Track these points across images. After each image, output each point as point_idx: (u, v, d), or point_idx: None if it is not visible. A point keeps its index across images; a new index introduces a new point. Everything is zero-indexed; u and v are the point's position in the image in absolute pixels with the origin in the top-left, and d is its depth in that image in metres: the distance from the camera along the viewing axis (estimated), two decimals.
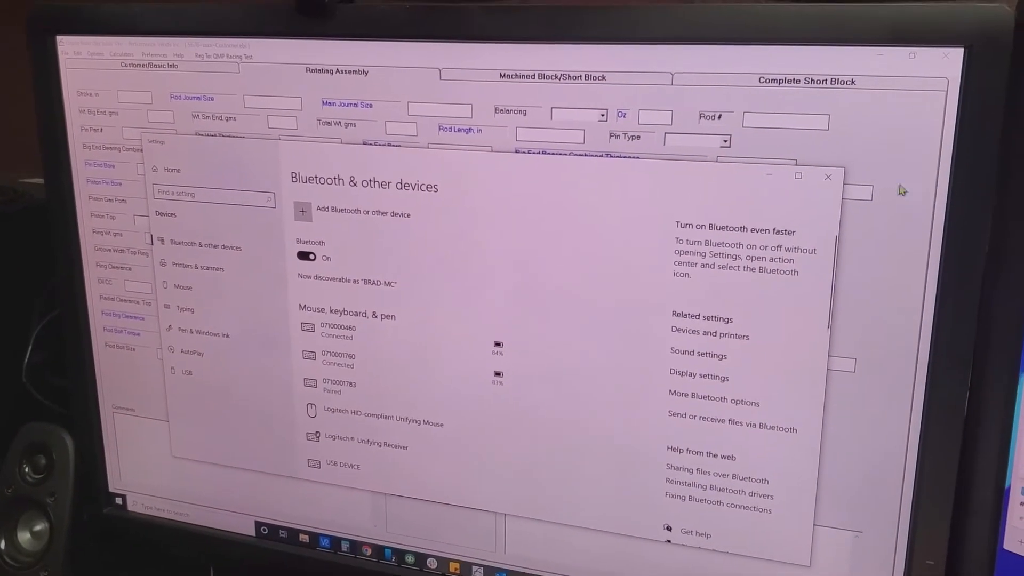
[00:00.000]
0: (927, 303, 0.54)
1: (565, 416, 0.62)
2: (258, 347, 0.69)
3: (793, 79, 0.53)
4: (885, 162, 0.53)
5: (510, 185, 0.59)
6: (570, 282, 0.60)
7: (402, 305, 0.64)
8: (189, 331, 0.70)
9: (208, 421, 0.72)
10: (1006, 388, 0.54)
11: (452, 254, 0.62)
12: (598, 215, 0.58)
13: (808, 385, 0.57)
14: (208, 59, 0.64)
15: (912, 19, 0.51)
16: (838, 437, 0.57)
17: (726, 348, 0.58)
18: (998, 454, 0.55)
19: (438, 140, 0.61)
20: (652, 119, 0.56)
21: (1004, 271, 0.53)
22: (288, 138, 0.64)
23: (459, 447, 0.65)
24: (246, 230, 0.66)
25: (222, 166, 0.66)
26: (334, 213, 0.64)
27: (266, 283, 0.67)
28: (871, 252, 0.54)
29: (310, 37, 0.62)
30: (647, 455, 0.61)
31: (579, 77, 0.57)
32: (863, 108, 0.52)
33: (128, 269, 0.71)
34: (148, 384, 0.73)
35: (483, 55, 0.59)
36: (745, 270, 0.56)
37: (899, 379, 0.55)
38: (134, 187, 0.69)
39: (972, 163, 0.51)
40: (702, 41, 0.54)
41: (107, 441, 0.76)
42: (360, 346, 0.66)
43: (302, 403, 0.69)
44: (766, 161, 0.54)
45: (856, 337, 0.55)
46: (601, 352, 0.60)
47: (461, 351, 0.63)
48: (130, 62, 0.66)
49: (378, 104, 0.61)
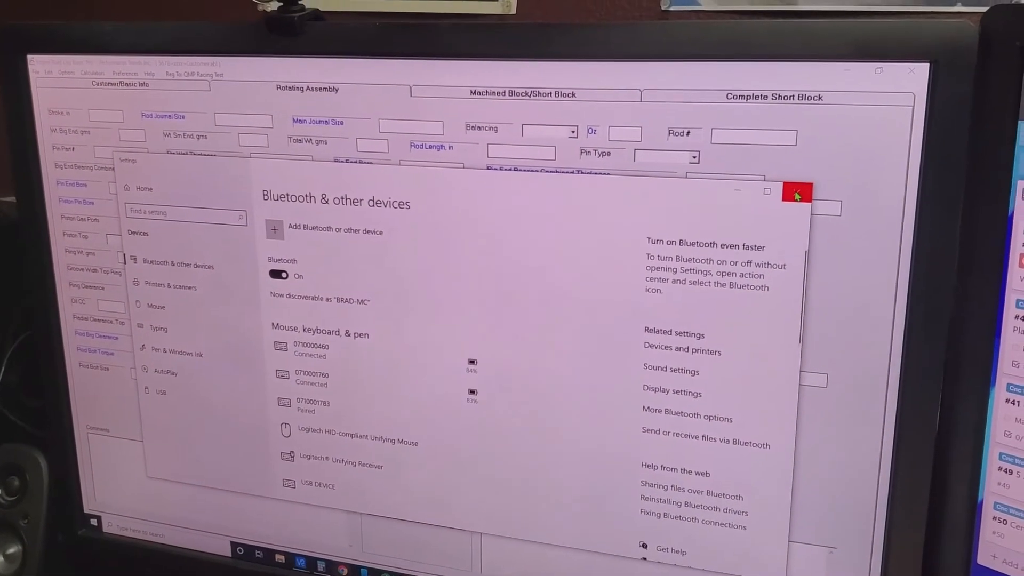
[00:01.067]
0: (897, 317, 0.54)
1: (540, 433, 0.62)
2: (232, 366, 0.68)
3: (760, 95, 0.53)
4: (853, 177, 0.53)
5: (482, 202, 0.59)
6: (543, 299, 0.60)
7: (375, 323, 0.64)
8: (163, 350, 0.70)
9: (183, 441, 0.71)
10: (977, 402, 0.54)
11: (425, 271, 0.62)
12: (570, 231, 0.58)
13: (780, 400, 0.57)
14: (179, 77, 0.64)
15: (878, 35, 0.51)
16: (811, 452, 0.57)
17: (698, 364, 0.58)
18: (970, 468, 0.55)
19: (409, 157, 0.60)
20: (622, 135, 0.56)
21: (973, 284, 0.53)
22: (259, 156, 0.64)
23: (434, 466, 0.65)
24: (218, 249, 0.66)
25: (194, 184, 0.65)
26: (306, 231, 0.64)
27: (239, 302, 0.67)
28: (841, 267, 0.54)
29: (280, 55, 0.62)
30: (622, 472, 0.61)
31: (549, 94, 0.57)
32: (830, 123, 0.52)
33: (101, 288, 0.70)
34: (122, 404, 0.72)
35: (453, 72, 0.59)
36: (716, 286, 0.56)
37: (871, 394, 0.55)
38: (106, 206, 0.68)
39: (939, 177, 0.51)
40: (670, 58, 0.54)
41: (82, 462, 0.75)
42: (333, 365, 0.65)
43: (276, 423, 0.68)
44: (735, 177, 0.54)
45: (827, 352, 0.55)
46: (575, 368, 0.60)
47: (435, 369, 0.63)
48: (101, 81, 0.66)
49: (349, 121, 0.61)
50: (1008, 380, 0.53)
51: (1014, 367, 0.53)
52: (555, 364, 0.60)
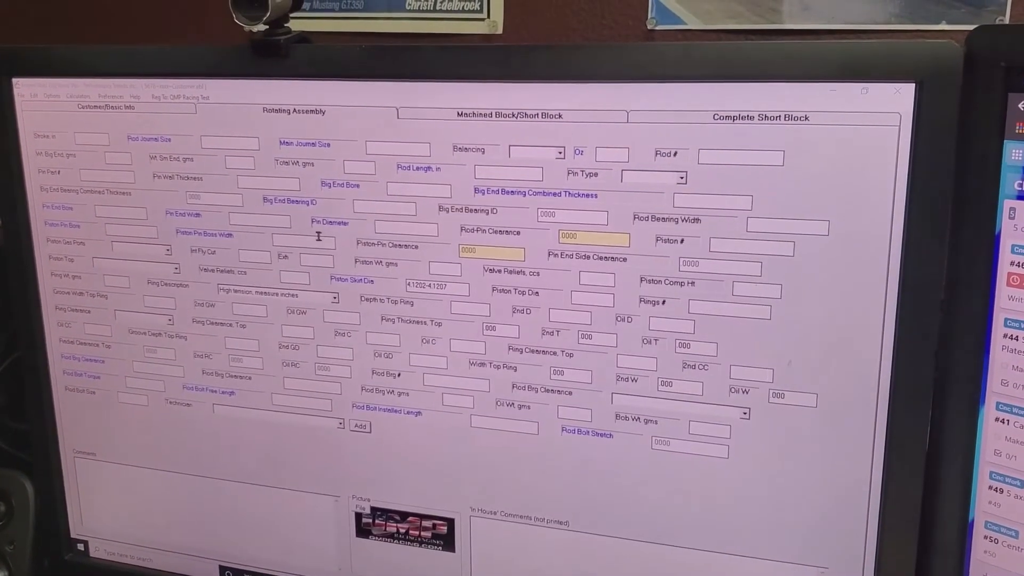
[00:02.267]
0: (886, 337, 0.54)
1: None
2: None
3: (747, 116, 0.53)
4: (841, 197, 0.53)
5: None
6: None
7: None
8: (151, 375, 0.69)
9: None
10: (967, 421, 0.54)
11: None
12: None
13: (771, 420, 0.56)
14: (165, 100, 0.64)
15: (863, 55, 0.51)
16: (801, 472, 0.57)
17: (698, 376, 0.58)
18: (961, 487, 0.55)
19: (396, 178, 0.60)
20: (609, 156, 0.56)
21: (961, 303, 0.53)
22: (246, 177, 0.63)
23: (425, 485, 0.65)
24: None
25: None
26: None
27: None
28: (829, 287, 0.54)
29: (266, 77, 0.61)
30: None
31: (536, 115, 0.57)
32: (818, 144, 0.53)
33: (87, 312, 0.70)
34: (109, 428, 0.72)
35: (440, 94, 0.59)
36: (710, 304, 0.56)
37: (860, 414, 0.55)
38: (92, 229, 0.68)
39: (926, 197, 0.52)
40: (657, 79, 0.55)
41: (68, 486, 0.74)
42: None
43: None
44: (723, 197, 0.54)
45: (817, 372, 0.55)
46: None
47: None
48: (87, 104, 0.66)
49: (336, 143, 0.61)
50: (997, 399, 0.53)
51: (1003, 386, 0.53)
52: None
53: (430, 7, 0.80)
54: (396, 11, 0.81)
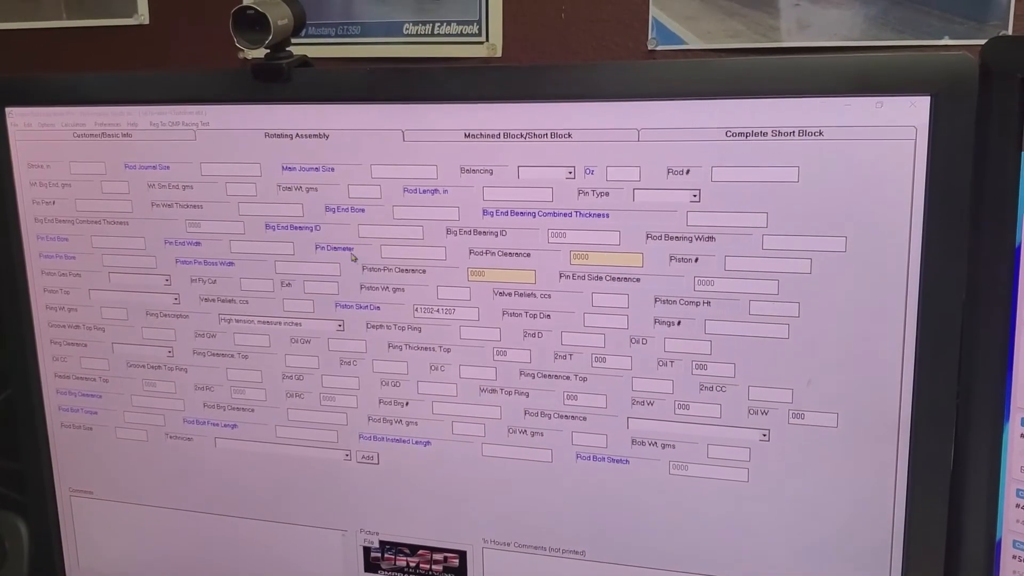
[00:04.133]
0: (907, 354, 0.53)
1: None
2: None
3: (760, 132, 0.53)
4: (858, 212, 0.52)
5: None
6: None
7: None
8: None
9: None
10: (992, 437, 0.53)
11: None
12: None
13: (792, 441, 0.55)
14: (163, 127, 0.63)
15: (877, 69, 0.51)
16: (823, 494, 0.55)
17: (715, 399, 0.57)
18: (987, 506, 0.54)
19: (403, 202, 0.59)
20: (620, 175, 0.55)
21: (982, 318, 0.52)
22: (247, 204, 0.62)
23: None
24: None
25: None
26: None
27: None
28: (847, 304, 0.53)
29: (268, 102, 0.60)
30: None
31: (545, 135, 0.56)
32: (833, 159, 0.52)
33: (84, 345, 0.68)
34: (107, 465, 0.70)
35: (447, 115, 0.58)
36: (726, 324, 0.55)
37: (883, 432, 0.54)
38: (89, 260, 0.66)
39: (944, 210, 0.51)
40: (667, 97, 0.54)
41: (64, 526, 0.72)
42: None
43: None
44: (737, 215, 0.54)
45: (837, 391, 0.54)
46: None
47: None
48: (82, 132, 0.65)
49: (340, 168, 0.60)
50: (1022, 414, 0.52)
51: None
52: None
53: (428, 31, 0.79)
54: (394, 36, 0.80)
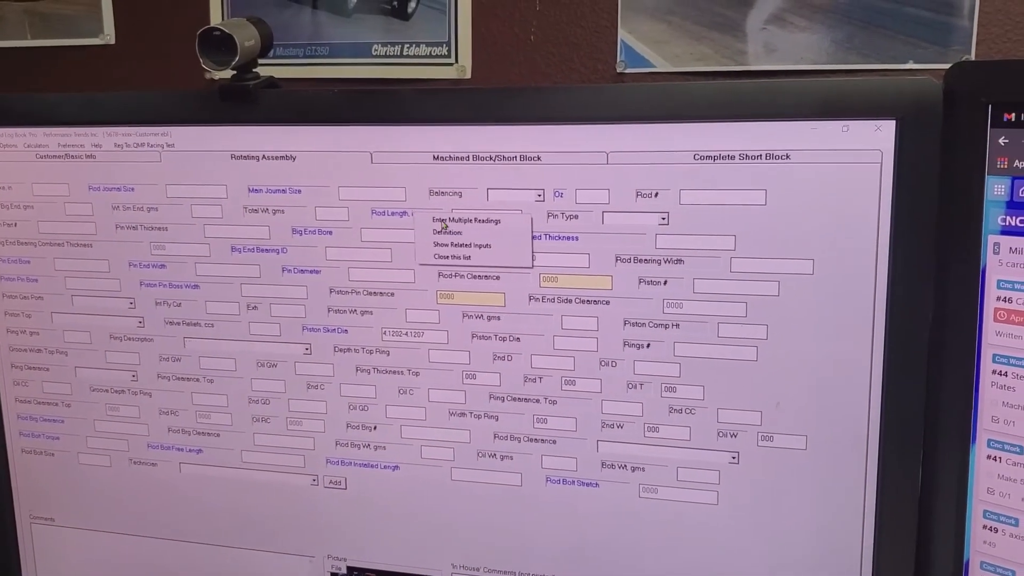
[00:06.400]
0: (874, 377, 0.53)
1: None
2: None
3: (728, 155, 0.53)
4: (825, 235, 0.52)
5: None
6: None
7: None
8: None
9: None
10: (959, 459, 0.53)
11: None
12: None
13: (761, 464, 0.55)
14: (128, 148, 0.62)
15: (843, 93, 0.51)
16: (793, 516, 0.55)
17: (686, 421, 0.57)
18: (955, 528, 0.54)
19: (371, 224, 0.59)
20: (589, 198, 0.55)
21: (949, 340, 0.53)
22: (213, 226, 0.61)
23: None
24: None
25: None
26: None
27: None
28: (815, 327, 0.53)
29: (234, 123, 0.60)
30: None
31: (514, 158, 0.56)
32: (800, 182, 0.52)
33: (46, 369, 0.67)
34: (70, 491, 0.68)
35: (416, 137, 0.57)
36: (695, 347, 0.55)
37: (851, 455, 0.54)
38: (51, 283, 0.65)
39: (911, 233, 0.51)
40: (636, 120, 0.54)
41: (24, 555, 0.70)
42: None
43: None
44: (706, 237, 0.54)
45: (805, 414, 0.54)
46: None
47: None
48: (45, 153, 0.64)
49: (307, 189, 0.59)
50: (988, 436, 0.53)
51: (993, 422, 0.52)
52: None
53: (397, 52, 0.79)
54: (362, 57, 0.80)
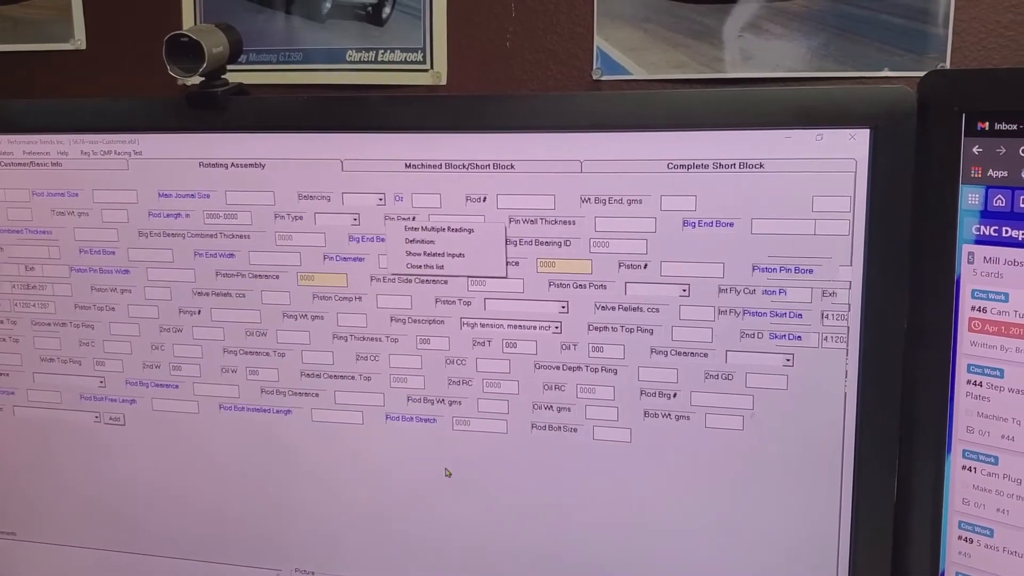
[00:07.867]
0: (849, 386, 0.53)
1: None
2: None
3: (702, 164, 0.52)
4: (798, 245, 0.52)
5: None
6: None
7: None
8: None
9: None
10: (934, 470, 0.53)
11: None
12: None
13: (736, 476, 0.55)
14: (95, 156, 0.61)
15: (818, 102, 0.51)
16: (768, 529, 0.55)
17: (665, 431, 0.56)
18: (931, 538, 0.54)
19: (342, 234, 0.58)
20: (563, 207, 0.55)
21: (924, 350, 0.52)
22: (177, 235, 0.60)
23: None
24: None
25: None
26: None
27: None
28: (788, 336, 0.53)
29: (203, 131, 0.59)
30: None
31: (488, 166, 0.55)
32: (773, 191, 0.52)
33: (12, 394, 0.65)
34: (31, 505, 0.67)
35: (387, 145, 0.57)
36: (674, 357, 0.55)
37: (826, 466, 0.54)
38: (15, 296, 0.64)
39: (885, 243, 0.51)
40: (610, 128, 0.53)
41: None
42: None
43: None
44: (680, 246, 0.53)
45: (780, 424, 0.54)
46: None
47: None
48: (9, 161, 0.62)
49: (277, 197, 0.58)
50: (963, 446, 0.52)
51: (968, 432, 0.52)
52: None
53: (371, 58, 0.78)
54: (337, 63, 0.79)
